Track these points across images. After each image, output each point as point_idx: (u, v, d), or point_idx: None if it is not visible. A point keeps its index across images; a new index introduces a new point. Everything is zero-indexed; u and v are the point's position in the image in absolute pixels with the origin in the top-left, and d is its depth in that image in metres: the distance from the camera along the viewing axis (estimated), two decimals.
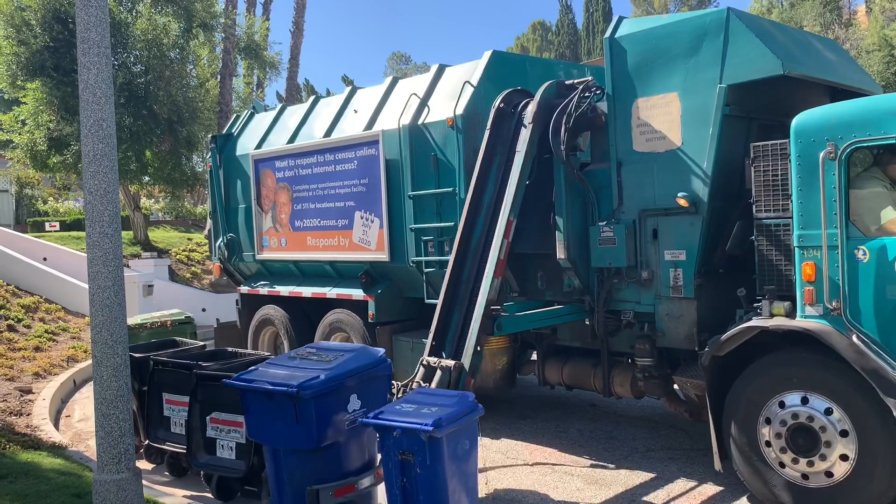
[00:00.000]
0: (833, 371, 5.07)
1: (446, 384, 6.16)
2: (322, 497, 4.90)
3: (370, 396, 5.21)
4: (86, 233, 5.01)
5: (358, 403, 5.12)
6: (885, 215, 4.96)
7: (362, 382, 5.18)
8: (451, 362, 6.24)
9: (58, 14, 15.84)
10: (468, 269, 6.75)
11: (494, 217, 6.78)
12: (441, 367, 6.27)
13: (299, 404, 4.82)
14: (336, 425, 5.00)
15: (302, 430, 4.88)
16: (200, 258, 19.84)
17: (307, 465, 5.01)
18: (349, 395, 5.09)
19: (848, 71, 6.84)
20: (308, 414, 4.84)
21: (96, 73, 4.90)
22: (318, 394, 4.85)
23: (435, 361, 6.36)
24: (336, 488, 4.96)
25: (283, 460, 5.06)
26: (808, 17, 34.11)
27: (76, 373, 10.88)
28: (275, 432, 5.04)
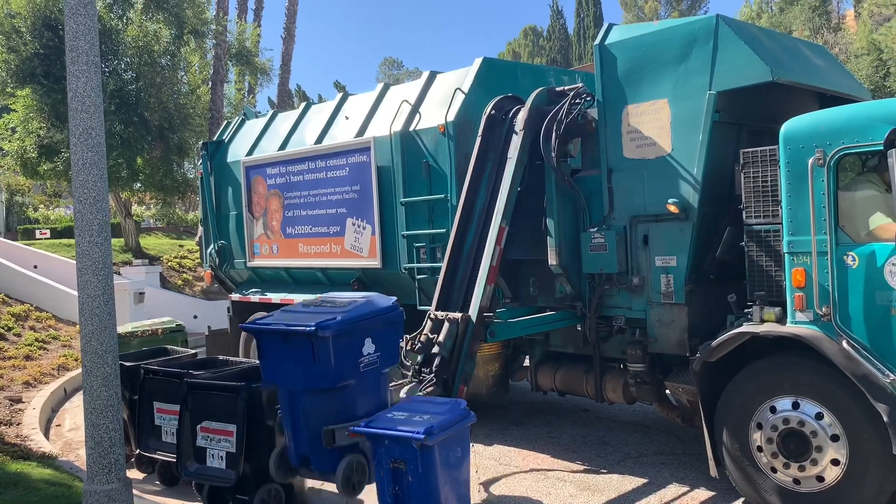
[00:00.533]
0: (823, 376, 5.08)
1: (454, 335, 6.21)
2: (338, 436, 5.00)
3: (383, 341, 5.35)
4: (75, 242, 4.99)
5: (372, 347, 5.26)
6: (873, 221, 4.99)
7: (376, 327, 5.32)
8: (458, 315, 6.28)
9: (48, 21, 15.80)
10: (460, 276, 6.75)
11: (486, 223, 6.78)
12: (449, 319, 6.30)
13: (317, 343, 4.92)
14: (351, 366, 5.11)
15: (319, 370, 4.98)
16: (192, 265, 19.78)
17: (323, 406, 5.12)
18: (364, 338, 5.21)
19: (836, 77, 6.88)
20: (325, 353, 4.93)
21: (85, 82, 4.88)
22: (335, 333, 4.95)
23: (443, 315, 6.39)
24: (351, 430, 5.03)
25: (299, 401, 5.14)
26: (797, 21, 34.33)
27: (67, 381, 10.82)
28: (291, 373, 5.13)
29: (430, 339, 6.29)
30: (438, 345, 6.22)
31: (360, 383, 5.21)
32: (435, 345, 6.25)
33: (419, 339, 6.33)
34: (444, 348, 6.20)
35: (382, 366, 5.38)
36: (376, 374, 5.32)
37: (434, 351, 6.23)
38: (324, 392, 5.09)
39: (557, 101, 6.83)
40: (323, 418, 5.11)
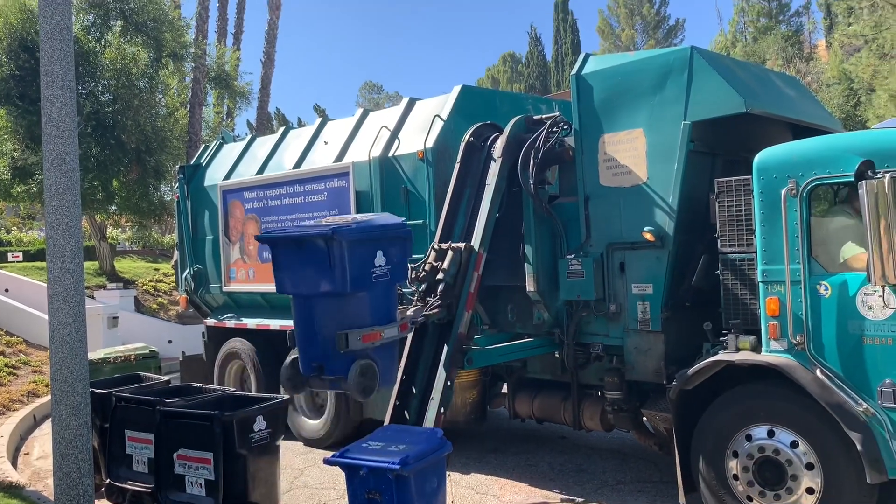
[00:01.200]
0: (798, 405, 5.12)
1: (458, 262, 6.43)
2: (351, 340, 5.12)
3: (393, 255, 5.48)
4: (47, 267, 4.93)
5: (383, 260, 5.37)
6: (845, 251, 5.06)
7: (387, 240, 5.46)
8: (461, 244, 6.53)
9: (24, 43, 15.68)
10: None
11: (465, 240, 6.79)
12: (452, 248, 6.50)
13: (333, 248, 5.04)
14: (364, 275, 5.25)
15: (335, 274, 5.09)
16: (167, 289, 19.56)
17: (336, 312, 5.23)
18: (376, 249, 5.33)
19: (808, 108, 7.01)
20: (341, 258, 5.05)
21: (60, 107, 4.85)
22: (351, 240, 5.10)
23: (446, 245, 6.56)
24: (364, 334, 5.20)
25: (313, 308, 5.27)
26: (770, 50, 35.04)
27: (37, 408, 10.61)
28: (306, 279, 5.24)
29: (435, 266, 6.51)
30: (443, 271, 6.42)
31: (372, 293, 5.35)
32: (439, 272, 6.44)
33: (423, 268, 6.53)
34: (448, 274, 6.39)
35: (392, 280, 5.52)
36: (387, 287, 5.48)
37: (438, 277, 6.42)
38: (337, 298, 5.23)
39: (535, 129, 6.89)
40: (336, 325, 5.24)
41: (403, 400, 6.32)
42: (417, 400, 6.26)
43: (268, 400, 6.13)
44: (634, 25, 51.98)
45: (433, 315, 6.28)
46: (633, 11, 51.93)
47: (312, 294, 5.27)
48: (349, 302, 5.27)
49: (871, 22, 27.07)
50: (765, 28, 40.24)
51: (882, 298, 4.77)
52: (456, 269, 6.45)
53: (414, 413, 6.21)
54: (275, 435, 5.94)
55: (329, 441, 8.49)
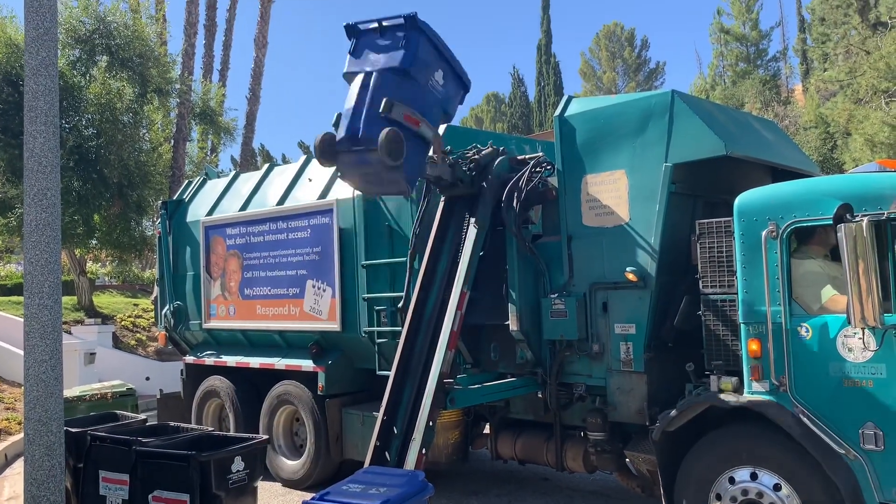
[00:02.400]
0: (780, 447, 5.11)
1: None
2: (395, 110, 5.81)
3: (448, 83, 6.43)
4: (24, 304, 4.85)
5: (441, 80, 6.32)
6: (825, 293, 5.11)
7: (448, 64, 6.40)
8: None
9: (9, 77, 15.66)
10: (421, 342, 6.69)
11: (448, 288, 6.76)
12: None
13: (412, 36, 5.93)
14: (424, 71, 6.11)
15: (404, 52, 5.92)
16: (146, 324, 19.33)
17: (392, 87, 5.92)
18: (439, 65, 6.26)
19: (787, 151, 7.12)
20: (415, 42, 5.94)
21: (42, 142, 4.83)
22: (424, 31, 6.03)
23: None
24: (405, 112, 5.91)
25: (376, 82, 5.92)
26: (748, 94, 35.78)
27: (8, 447, 10.37)
28: (379, 54, 6.03)
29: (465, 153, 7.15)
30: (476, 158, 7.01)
31: (423, 95, 6.17)
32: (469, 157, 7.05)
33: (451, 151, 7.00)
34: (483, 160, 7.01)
35: (442, 99, 6.47)
36: (436, 99, 6.33)
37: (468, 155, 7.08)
38: (397, 75, 5.99)
39: (518, 169, 6.94)
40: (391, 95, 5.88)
41: (384, 440, 6.25)
42: (399, 440, 6.20)
43: (246, 440, 6.05)
44: (616, 68, 52.97)
45: (461, 171, 6.85)
46: (614, 55, 52.96)
47: (378, 69, 5.96)
48: (405, 84, 5.98)
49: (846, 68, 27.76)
50: (743, 72, 41.19)
51: (862, 341, 4.81)
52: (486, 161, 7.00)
53: (395, 454, 6.15)
54: (253, 476, 5.85)
55: (308, 482, 8.35)
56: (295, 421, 8.82)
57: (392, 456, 6.20)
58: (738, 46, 43.35)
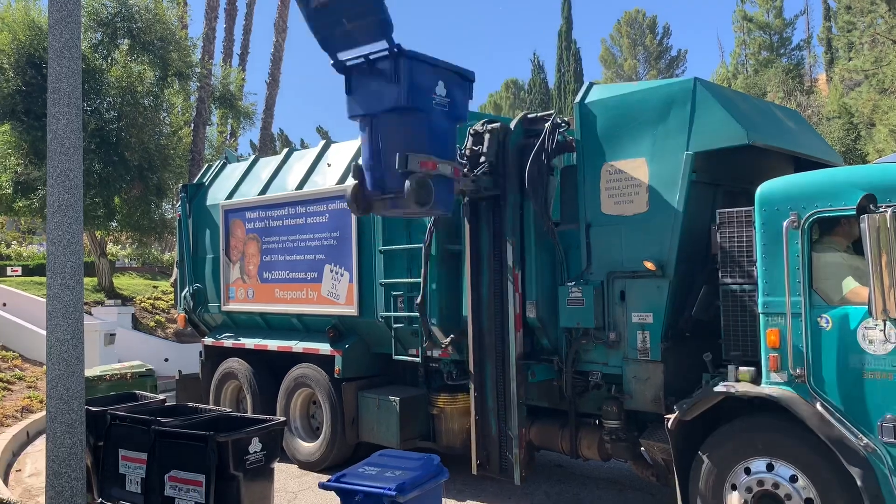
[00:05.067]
0: (797, 438, 5.08)
1: (497, 142, 6.86)
2: (410, 161, 5.68)
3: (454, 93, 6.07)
4: (47, 284, 4.91)
5: (444, 91, 5.97)
6: (846, 285, 5.05)
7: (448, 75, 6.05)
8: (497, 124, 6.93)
9: (32, 59, 15.80)
10: (486, 322, 6.99)
11: (497, 266, 6.93)
12: (490, 129, 6.89)
13: (399, 63, 5.62)
14: (425, 96, 5.84)
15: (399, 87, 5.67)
16: (165, 307, 19.52)
17: (399, 130, 5.83)
18: (437, 79, 5.92)
19: (809, 141, 7.04)
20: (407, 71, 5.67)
21: (66, 124, 4.87)
22: (413, 58, 5.71)
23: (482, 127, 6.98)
24: (421, 159, 5.75)
25: (381, 129, 5.84)
26: (771, 83, 35.33)
27: (30, 424, 10.53)
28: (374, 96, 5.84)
29: (475, 149, 6.93)
30: (484, 154, 6.87)
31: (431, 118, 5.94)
32: (481, 155, 6.88)
33: (464, 151, 6.96)
34: (490, 156, 6.85)
35: (451, 114, 6.09)
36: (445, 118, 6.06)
37: (481, 161, 6.87)
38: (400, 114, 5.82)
39: (533, 130, 6.96)
40: (398, 147, 5.77)
41: (482, 413, 6.97)
42: (493, 412, 6.87)
43: (264, 422, 6.10)
44: (637, 55, 52.46)
45: (482, 180, 6.79)
46: (635, 41, 52.43)
47: (378, 111, 5.81)
48: (410, 118, 5.80)
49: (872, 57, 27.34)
50: (766, 61, 40.66)
51: (883, 333, 4.76)
52: (496, 148, 6.88)
53: (494, 424, 6.89)
54: (270, 457, 5.90)
55: (324, 464, 8.43)
56: (312, 404, 8.89)
57: (493, 427, 6.90)
58: (762, 35, 42.78)
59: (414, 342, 7.74)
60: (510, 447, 6.79)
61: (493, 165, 6.86)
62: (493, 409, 6.89)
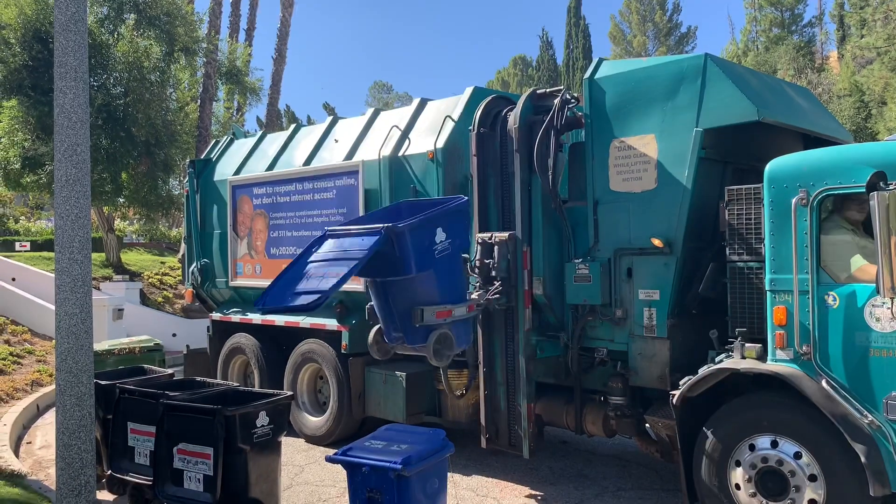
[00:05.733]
0: (803, 415, 5.09)
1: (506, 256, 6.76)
2: (425, 315, 5.72)
3: (453, 230, 5.98)
4: (55, 258, 4.94)
5: (443, 236, 5.88)
6: (854, 262, 5.03)
7: (444, 217, 5.97)
8: (504, 235, 6.81)
9: (38, 34, 15.75)
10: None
11: None
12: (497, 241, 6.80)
13: (396, 241, 5.50)
14: (427, 255, 5.72)
15: (402, 262, 5.58)
16: (173, 282, 19.61)
17: (408, 291, 5.77)
18: (435, 227, 5.83)
19: (820, 118, 6.98)
20: (403, 247, 5.53)
21: (72, 98, 4.86)
22: (405, 231, 5.54)
23: (489, 237, 6.87)
24: (437, 311, 5.82)
25: (389, 289, 5.79)
26: (782, 60, 34.99)
27: (40, 397, 10.64)
28: (377, 269, 5.73)
29: (486, 263, 6.83)
30: (495, 269, 6.78)
31: (438, 269, 5.88)
32: (492, 269, 6.80)
33: (475, 263, 6.93)
34: (500, 270, 6.77)
35: (455, 252, 6.07)
36: (451, 260, 6.02)
37: (492, 275, 6.79)
38: (407, 279, 5.74)
39: (542, 106, 6.90)
40: (410, 302, 5.79)
41: (491, 388, 7.05)
42: (503, 387, 6.96)
43: (271, 396, 6.14)
44: (646, 32, 51.96)
45: (495, 300, 6.72)
46: (645, 18, 51.91)
47: (387, 277, 5.74)
48: (418, 280, 5.74)
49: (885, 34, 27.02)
50: (777, 38, 40.23)
51: (890, 310, 4.75)
52: (506, 262, 6.79)
53: (504, 399, 6.97)
54: (277, 431, 5.95)
55: (331, 439, 8.50)
56: (318, 378, 8.95)
57: (503, 401, 6.97)
58: (773, 11, 42.28)
59: None
60: (519, 421, 6.84)
61: (505, 280, 6.75)
62: (503, 384, 6.94)
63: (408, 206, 6.58)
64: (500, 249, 6.78)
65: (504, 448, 7.12)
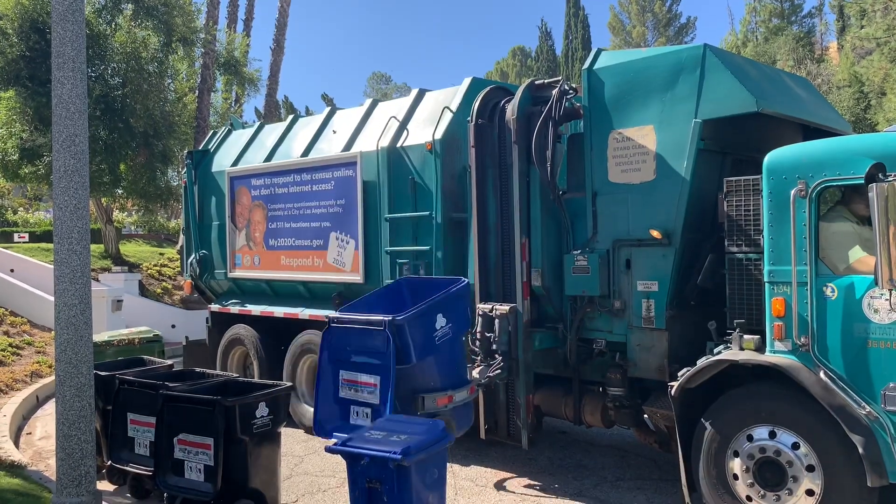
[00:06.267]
0: (800, 406, 5.11)
1: (507, 330, 6.70)
2: (426, 403, 5.69)
3: (452, 315, 5.93)
4: (54, 249, 4.93)
5: (444, 321, 5.84)
6: (853, 254, 5.04)
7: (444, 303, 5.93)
8: (505, 308, 6.73)
9: (35, 24, 15.68)
10: (494, 291, 7.04)
11: (505, 235, 6.95)
12: (498, 315, 6.73)
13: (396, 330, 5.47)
14: (427, 342, 5.69)
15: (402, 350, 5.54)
16: (172, 274, 19.61)
17: (408, 378, 5.69)
18: (435, 314, 5.81)
19: (819, 109, 6.97)
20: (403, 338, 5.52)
21: (70, 89, 4.84)
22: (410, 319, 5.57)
23: (490, 309, 6.81)
24: (438, 398, 5.79)
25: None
26: (781, 51, 34.88)
27: (39, 388, 10.66)
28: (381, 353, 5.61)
29: (487, 336, 6.75)
30: (496, 342, 6.72)
31: (438, 355, 5.88)
32: (493, 342, 6.73)
33: (476, 336, 6.83)
34: (501, 344, 6.71)
35: (456, 335, 6.01)
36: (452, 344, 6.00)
37: (493, 348, 6.73)
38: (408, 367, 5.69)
39: (541, 97, 6.89)
40: (411, 389, 5.74)
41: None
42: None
43: (270, 387, 6.16)
44: (646, 22, 51.78)
45: (496, 376, 6.69)
46: (644, 8, 51.72)
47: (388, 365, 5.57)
48: (419, 367, 5.73)
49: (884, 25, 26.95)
50: (776, 28, 40.08)
51: (889, 302, 4.76)
52: (507, 336, 6.72)
53: (502, 392, 6.98)
54: (277, 422, 5.96)
55: None
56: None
57: (501, 394, 6.98)
58: (772, 2, 42.09)
59: None
60: (518, 412, 6.86)
61: (506, 354, 6.73)
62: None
63: (408, 284, 6.62)
64: (500, 323, 6.70)
65: (503, 439, 7.14)
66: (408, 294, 6.40)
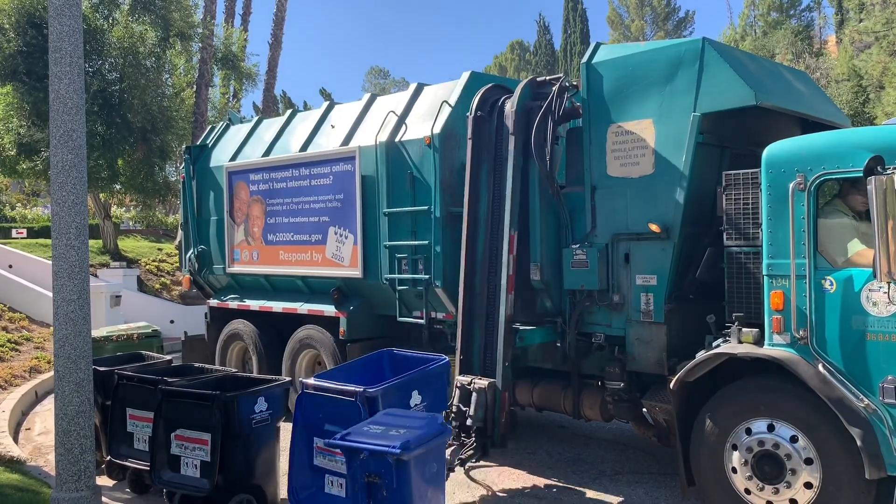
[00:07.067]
0: (799, 399, 5.12)
1: (484, 405, 6.46)
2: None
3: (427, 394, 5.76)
4: (52, 244, 4.93)
5: (418, 399, 5.68)
6: (851, 247, 5.05)
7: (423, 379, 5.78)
8: (484, 383, 6.51)
9: (32, 19, 15.63)
10: (479, 283, 6.94)
11: (494, 228, 6.89)
12: (476, 389, 6.50)
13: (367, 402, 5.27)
14: None
15: None
16: (170, 269, 19.59)
17: None
18: (410, 390, 5.63)
19: (818, 103, 6.97)
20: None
21: (68, 84, 4.83)
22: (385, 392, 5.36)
23: (468, 382, 6.57)
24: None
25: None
26: (780, 45, 34.85)
27: (38, 384, 10.66)
28: None
29: (463, 411, 6.51)
30: (471, 417, 6.45)
31: None
32: (468, 417, 6.46)
33: (451, 408, 6.55)
34: (476, 419, 6.46)
35: None
36: None
37: (468, 423, 6.47)
38: None
39: (541, 93, 6.87)
40: None
41: None
42: (479, 375, 6.68)
43: (269, 381, 6.16)
44: (644, 16, 51.74)
45: (469, 457, 6.49)
46: (643, 2, 51.67)
47: None
48: None
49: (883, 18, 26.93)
50: (775, 22, 40.05)
51: (887, 295, 4.76)
52: (483, 412, 6.48)
53: None
54: (275, 417, 5.97)
55: None
56: (317, 364, 8.96)
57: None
58: None
59: (418, 304, 7.78)
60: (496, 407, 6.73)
61: (481, 431, 6.52)
62: (479, 371, 6.79)
63: (389, 356, 6.39)
64: (478, 397, 6.47)
65: None
66: (388, 367, 6.21)
